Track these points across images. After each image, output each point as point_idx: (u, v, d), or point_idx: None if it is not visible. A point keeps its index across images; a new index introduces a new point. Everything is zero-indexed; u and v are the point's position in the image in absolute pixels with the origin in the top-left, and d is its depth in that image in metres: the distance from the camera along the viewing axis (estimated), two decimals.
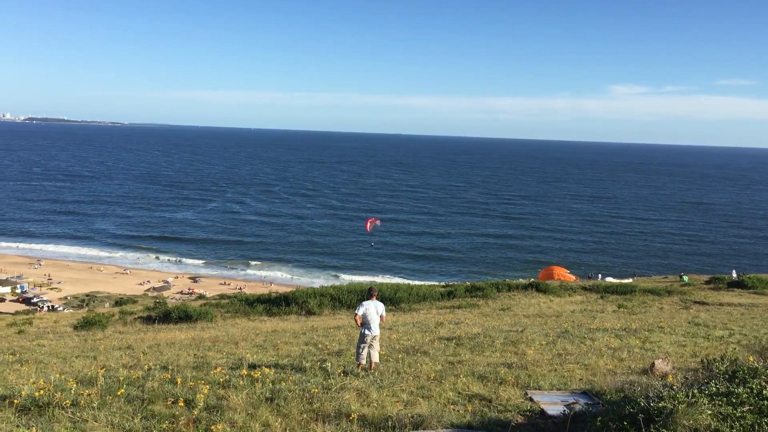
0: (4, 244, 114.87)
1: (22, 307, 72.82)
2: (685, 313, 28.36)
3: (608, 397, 10.15)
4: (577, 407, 9.24)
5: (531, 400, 10.70)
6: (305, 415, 9.49)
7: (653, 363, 12.61)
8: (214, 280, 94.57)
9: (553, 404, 10.21)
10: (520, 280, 48.67)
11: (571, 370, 13.35)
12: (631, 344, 17.05)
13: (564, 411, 9.21)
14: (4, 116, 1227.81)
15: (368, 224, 69.42)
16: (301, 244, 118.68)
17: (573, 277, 50.25)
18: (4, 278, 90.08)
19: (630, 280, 51.96)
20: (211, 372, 12.70)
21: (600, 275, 56.88)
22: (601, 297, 38.05)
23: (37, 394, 9.73)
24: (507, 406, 10.33)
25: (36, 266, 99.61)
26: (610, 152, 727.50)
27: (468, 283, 43.73)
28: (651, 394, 7.73)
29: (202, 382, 11.33)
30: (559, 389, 11.58)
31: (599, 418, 7.30)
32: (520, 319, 25.97)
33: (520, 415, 9.80)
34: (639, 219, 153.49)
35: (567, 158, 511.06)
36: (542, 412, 9.86)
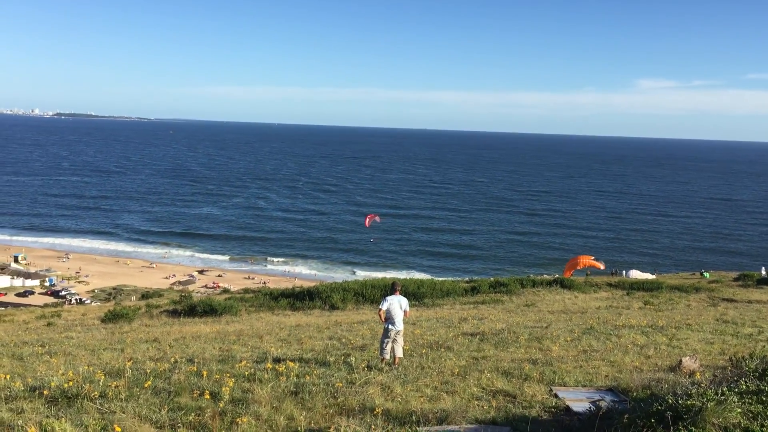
0: (32, 238, 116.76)
1: (51, 299, 74.08)
2: (713, 311, 27.98)
3: (634, 394, 10.04)
4: (603, 404, 9.16)
5: (556, 396, 10.61)
6: (330, 409, 9.52)
7: (680, 360, 12.45)
8: (239, 275, 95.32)
9: (578, 401, 10.13)
10: (545, 276, 48.39)
11: (596, 366, 13.22)
12: (658, 341, 16.85)
13: (590, 408, 9.13)
14: (33, 112, 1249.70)
15: (367, 220, 69.43)
16: (324, 240, 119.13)
17: (600, 264, 49.40)
18: (33, 271, 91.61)
19: (653, 277, 51.38)
20: (237, 365, 12.80)
21: (624, 271, 56.19)
22: (627, 293, 37.67)
23: (66, 385, 9.87)
24: (532, 402, 10.26)
25: (64, 260, 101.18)
26: (636, 147, 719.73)
27: (492, 279, 43.58)
28: (679, 392, 7.64)
29: (228, 375, 11.41)
30: (585, 386, 11.48)
31: (626, 416, 7.22)
32: (545, 315, 25.81)
33: (545, 411, 9.74)
34: (665, 215, 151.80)
35: (592, 153, 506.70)
36: (567, 408, 9.79)
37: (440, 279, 48.56)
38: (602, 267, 49.25)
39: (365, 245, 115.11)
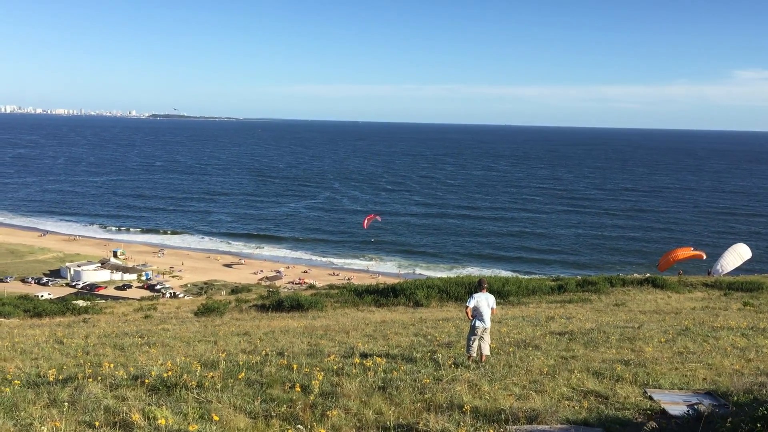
0: (129, 235, 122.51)
1: (147, 293, 77.43)
2: None
3: (735, 398, 9.61)
4: (702, 408, 8.81)
5: (651, 398, 10.28)
6: (417, 405, 9.54)
7: None
8: (323, 271, 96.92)
9: (675, 404, 9.78)
10: (635, 274, 46.73)
11: (693, 369, 12.71)
12: (760, 344, 16.03)
13: (687, 411, 8.81)
14: (130, 113, 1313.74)
15: (366, 221, 68.97)
16: (406, 239, 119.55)
17: (701, 253, 46.44)
18: (131, 266, 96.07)
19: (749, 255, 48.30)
20: (325, 359, 13.01)
21: (714, 266, 52.93)
22: (725, 294, 35.95)
23: (165, 375, 10.31)
24: (625, 404, 9.97)
25: (159, 255, 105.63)
26: (733, 141, 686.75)
27: (579, 278, 42.54)
28: None
29: (317, 368, 11.62)
30: (681, 389, 11.06)
31: (729, 420, 6.92)
32: (636, 315, 24.99)
33: (639, 413, 9.44)
34: (763, 215, 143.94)
35: (684, 148, 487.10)
36: (663, 411, 9.47)
37: (526, 277, 47.83)
38: (704, 257, 46.27)
39: (447, 243, 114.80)
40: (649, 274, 45.96)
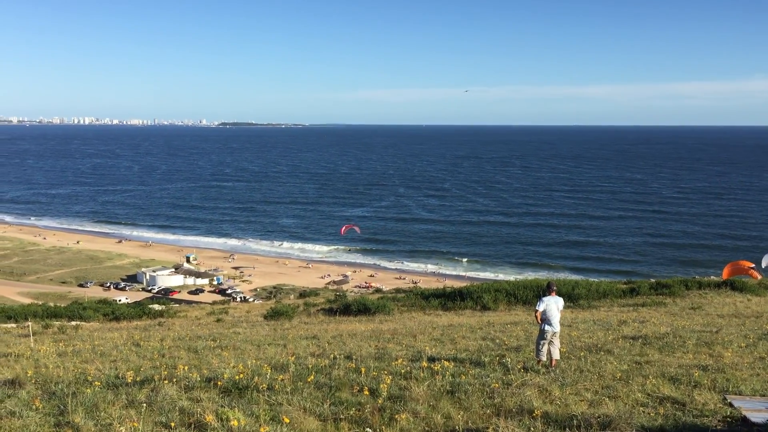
0: (198, 242, 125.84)
1: (218, 297, 79.36)
2: None
3: None
4: None
5: (731, 405, 9.88)
6: (486, 410, 9.45)
7: None
8: (389, 275, 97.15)
9: (756, 411, 9.37)
10: (712, 277, 45.03)
11: None
12: None
13: None
14: (200, 122, 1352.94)
15: (344, 228, 68.70)
16: (472, 241, 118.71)
17: (757, 274, 44.70)
18: (203, 271, 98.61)
19: None
20: (393, 363, 13.03)
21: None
22: None
23: (237, 377, 10.55)
24: (703, 410, 9.62)
25: (230, 260, 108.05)
26: None
27: (653, 281, 41.29)
28: None
29: (385, 372, 11.66)
30: (763, 395, 10.61)
31: None
32: (714, 319, 24.10)
33: (719, 421, 9.09)
34: None
35: (764, 145, 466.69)
36: (744, 419, 9.09)
37: (596, 280, 46.72)
38: (759, 277, 44.45)
39: (513, 246, 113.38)
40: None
